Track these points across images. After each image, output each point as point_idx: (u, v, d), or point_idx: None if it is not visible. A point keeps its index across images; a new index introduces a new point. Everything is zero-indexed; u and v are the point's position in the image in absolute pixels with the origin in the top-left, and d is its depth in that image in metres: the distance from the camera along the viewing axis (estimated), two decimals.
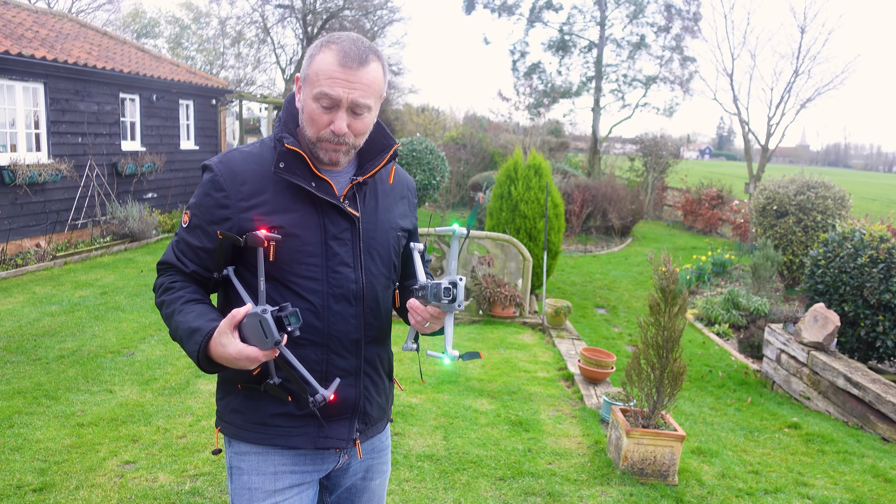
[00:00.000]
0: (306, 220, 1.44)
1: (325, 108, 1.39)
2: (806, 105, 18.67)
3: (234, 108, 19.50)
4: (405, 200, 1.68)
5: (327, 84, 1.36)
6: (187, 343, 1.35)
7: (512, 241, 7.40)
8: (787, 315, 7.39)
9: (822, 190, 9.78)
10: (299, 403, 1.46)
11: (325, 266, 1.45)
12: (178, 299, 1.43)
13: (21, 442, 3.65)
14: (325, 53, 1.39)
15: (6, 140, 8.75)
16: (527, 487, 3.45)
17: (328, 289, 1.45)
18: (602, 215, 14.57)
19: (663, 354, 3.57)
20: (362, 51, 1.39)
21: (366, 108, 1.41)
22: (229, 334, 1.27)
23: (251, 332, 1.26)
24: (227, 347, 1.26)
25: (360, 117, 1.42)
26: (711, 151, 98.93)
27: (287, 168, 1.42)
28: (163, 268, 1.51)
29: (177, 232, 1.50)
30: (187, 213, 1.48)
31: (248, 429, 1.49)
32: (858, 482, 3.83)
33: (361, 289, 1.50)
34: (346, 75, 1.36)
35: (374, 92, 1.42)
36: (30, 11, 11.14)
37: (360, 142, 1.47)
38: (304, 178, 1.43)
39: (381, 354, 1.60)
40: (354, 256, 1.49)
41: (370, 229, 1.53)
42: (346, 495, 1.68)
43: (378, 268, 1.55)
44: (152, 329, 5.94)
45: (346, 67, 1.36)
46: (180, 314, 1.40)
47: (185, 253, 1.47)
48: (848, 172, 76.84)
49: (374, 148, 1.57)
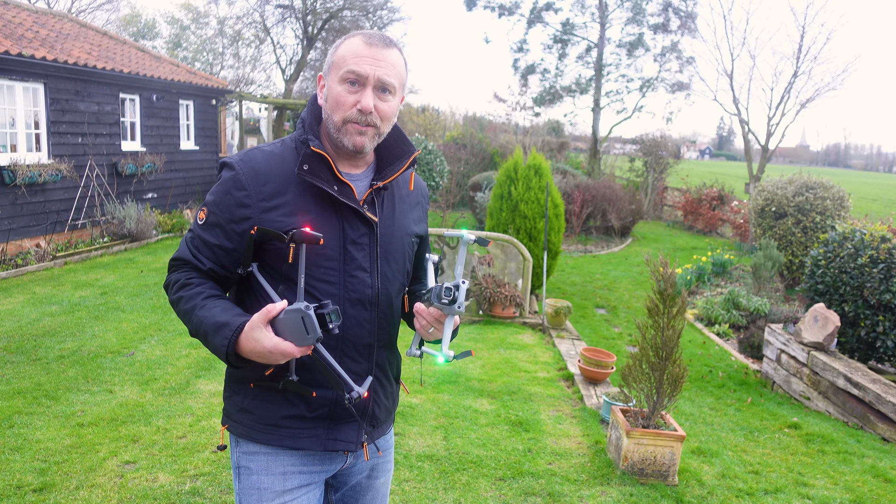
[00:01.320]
0: (326, 224, 1.44)
1: (351, 85, 1.41)
2: (806, 105, 18.71)
3: (233, 109, 19.50)
4: (419, 207, 1.68)
5: (354, 62, 1.40)
6: (214, 337, 1.33)
7: (512, 242, 7.40)
8: (787, 315, 7.39)
9: (820, 191, 9.78)
10: (310, 405, 1.47)
11: (343, 270, 1.45)
12: (199, 294, 1.41)
13: (21, 442, 3.65)
14: (349, 40, 1.44)
15: (6, 140, 8.75)
16: (527, 487, 3.45)
17: (344, 293, 1.45)
18: (602, 215, 14.57)
19: (662, 356, 3.57)
20: (386, 38, 1.44)
21: (391, 87, 1.43)
22: (263, 329, 1.27)
23: (289, 328, 1.26)
24: (261, 342, 1.27)
25: (385, 99, 1.44)
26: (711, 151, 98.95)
27: (311, 170, 1.42)
28: (177, 264, 1.49)
29: (191, 228, 1.49)
30: (204, 209, 1.46)
31: (258, 429, 1.48)
32: (858, 482, 3.83)
33: (377, 294, 1.50)
34: (372, 53, 1.41)
35: (398, 74, 1.45)
36: (30, 11, 11.14)
37: (385, 128, 1.48)
38: (327, 182, 1.43)
39: (390, 358, 1.61)
40: (371, 261, 1.49)
41: (387, 235, 1.53)
42: (351, 493, 1.68)
43: (393, 273, 1.55)
44: (152, 329, 5.95)
45: (371, 46, 1.41)
46: (203, 309, 1.38)
47: (200, 250, 1.45)
48: (848, 173, 76.85)
49: (394, 154, 1.57)
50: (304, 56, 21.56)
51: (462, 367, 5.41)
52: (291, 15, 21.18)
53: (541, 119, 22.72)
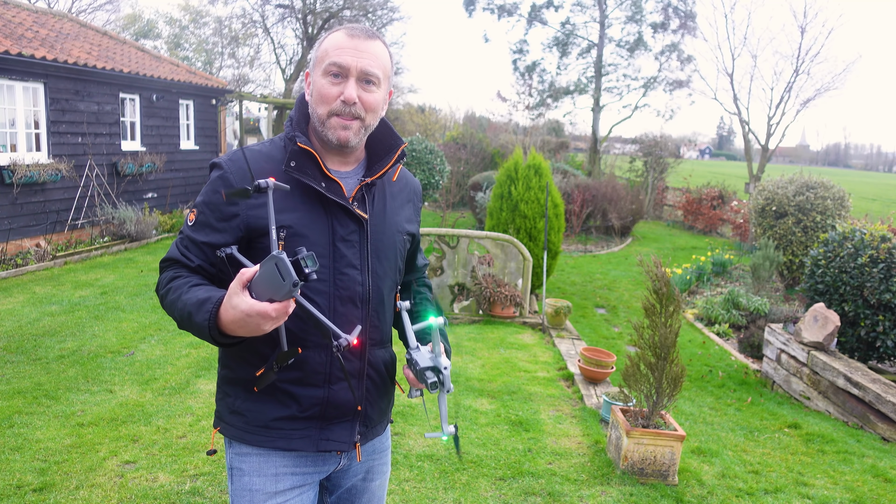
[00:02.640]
0: (315, 221, 1.43)
1: (334, 77, 1.41)
2: (806, 105, 18.71)
3: (233, 108, 19.49)
4: (411, 204, 1.68)
5: (336, 54, 1.40)
6: (196, 315, 1.28)
7: (512, 241, 7.40)
8: (787, 315, 7.39)
9: (821, 190, 9.77)
10: (301, 405, 1.46)
11: (332, 268, 1.45)
12: (185, 284, 1.39)
13: (21, 442, 3.65)
14: (332, 34, 1.45)
15: (6, 140, 8.75)
16: (527, 487, 3.45)
17: (334, 290, 1.45)
18: (602, 215, 14.57)
19: (661, 356, 3.57)
20: (368, 30, 1.45)
21: (375, 78, 1.43)
22: (240, 294, 1.20)
23: (265, 281, 1.17)
24: (238, 306, 1.19)
25: (369, 90, 1.43)
26: (711, 151, 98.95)
27: (298, 167, 1.42)
28: (166, 264, 1.48)
29: (181, 230, 1.49)
30: (193, 211, 1.46)
31: (249, 431, 1.48)
32: (858, 482, 3.83)
33: (368, 291, 1.50)
34: (355, 44, 1.41)
35: (382, 65, 1.45)
36: (30, 11, 11.14)
37: (370, 120, 1.47)
38: (315, 179, 1.43)
39: (384, 357, 1.60)
40: (362, 259, 1.49)
41: (378, 232, 1.52)
42: (346, 496, 1.67)
43: (384, 270, 1.54)
44: (152, 329, 5.94)
45: (353, 37, 1.42)
46: (187, 293, 1.35)
47: (189, 249, 1.45)
48: (848, 172, 76.83)
49: (382, 148, 1.57)
50: (304, 56, 21.58)
51: (462, 367, 5.41)
52: (291, 15, 21.19)
53: (541, 119, 22.72)
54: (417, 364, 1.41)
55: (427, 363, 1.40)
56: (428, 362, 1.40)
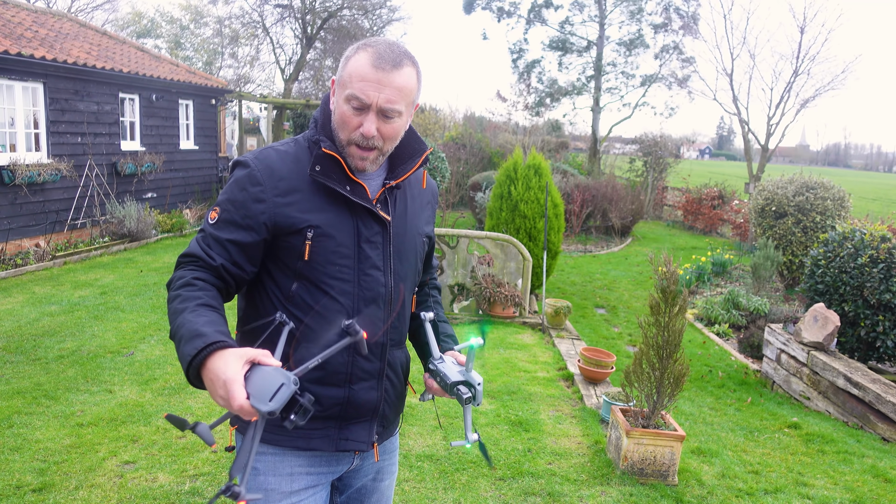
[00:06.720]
0: (341, 222, 1.44)
1: (355, 109, 1.39)
2: (806, 105, 18.70)
3: (233, 108, 19.49)
4: (430, 206, 1.69)
5: (358, 87, 1.37)
6: (186, 344, 1.23)
7: (512, 241, 7.40)
8: (787, 315, 7.39)
9: (821, 191, 9.77)
10: (322, 405, 1.45)
11: (357, 268, 1.46)
12: (196, 299, 1.33)
13: (21, 442, 3.64)
14: (359, 55, 1.40)
15: (6, 140, 8.75)
16: (527, 487, 3.45)
17: (359, 291, 1.46)
18: (602, 215, 14.57)
19: (664, 355, 3.57)
20: (397, 55, 1.39)
21: (396, 113, 1.41)
22: (240, 363, 1.14)
23: (260, 383, 1.12)
24: (226, 372, 1.13)
25: (390, 121, 1.42)
26: (711, 151, 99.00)
27: (322, 171, 1.42)
28: (185, 260, 1.42)
29: (202, 228, 1.46)
30: (215, 209, 1.44)
31: (267, 430, 1.46)
32: (858, 482, 3.83)
33: (390, 292, 1.51)
34: (378, 76, 1.37)
35: (406, 97, 1.42)
36: (29, 11, 11.13)
37: (388, 147, 1.47)
38: (339, 182, 1.43)
39: (401, 358, 1.61)
40: (384, 260, 1.50)
41: (400, 233, 1.54)
42: (356, 496, 1.68)
43: (405, 272, 1.56)
44: (152, 329, 5.94)
45: (378, 69, 1.37)
46: (192, 313, 1.29)
47: (212, 247, 1.41)
48: (848, 172, 76.87)
49: (406, 152, 1.57)
50: (304, 56, 21.56)
51: None
52: (290, 14, 21.17)
53: (540, 119, 22.72)
54: (447, 378, 1.42)
55: (458, 377, 1.41)
56: (458, 376, 1.41)
